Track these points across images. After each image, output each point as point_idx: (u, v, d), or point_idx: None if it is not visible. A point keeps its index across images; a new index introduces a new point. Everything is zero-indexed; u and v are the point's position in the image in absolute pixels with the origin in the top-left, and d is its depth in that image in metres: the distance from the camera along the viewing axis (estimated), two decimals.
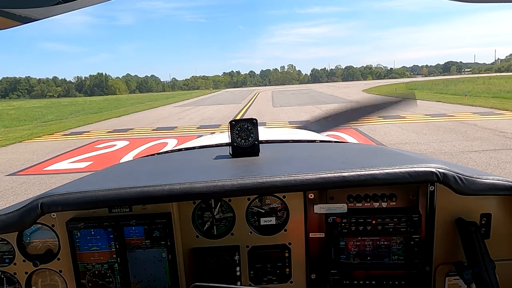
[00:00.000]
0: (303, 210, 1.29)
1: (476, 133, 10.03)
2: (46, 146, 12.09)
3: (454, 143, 8.89)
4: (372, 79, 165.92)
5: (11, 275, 1.30)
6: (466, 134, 9.97)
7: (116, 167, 1.77)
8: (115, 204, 1.19)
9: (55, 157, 9.84)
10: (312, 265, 1.32)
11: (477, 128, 10.93)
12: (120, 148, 10.87)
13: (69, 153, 10.39)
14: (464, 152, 7.90)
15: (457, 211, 1.26)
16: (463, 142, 8.93)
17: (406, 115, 14.77)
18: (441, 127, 11.52)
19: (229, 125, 1.59)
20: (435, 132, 10.64)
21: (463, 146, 8.54)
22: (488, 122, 11.86)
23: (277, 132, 2.87)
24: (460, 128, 11.02)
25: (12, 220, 1.18)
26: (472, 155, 7.63)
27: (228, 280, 1.31)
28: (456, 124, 11.85)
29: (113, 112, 27.74)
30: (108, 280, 1.26)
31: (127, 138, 12.75)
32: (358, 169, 1.18)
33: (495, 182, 1.19)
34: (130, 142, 11.89)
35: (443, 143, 9.04)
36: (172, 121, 18.43)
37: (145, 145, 11.15)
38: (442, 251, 1.28)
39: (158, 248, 1.25)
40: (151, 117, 21.73)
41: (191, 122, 17.45)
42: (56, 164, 8.96)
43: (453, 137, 9.67)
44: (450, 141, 9.24)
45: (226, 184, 1.16)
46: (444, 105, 19.02)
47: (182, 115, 22.43)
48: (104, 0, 0.73)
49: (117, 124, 18.42)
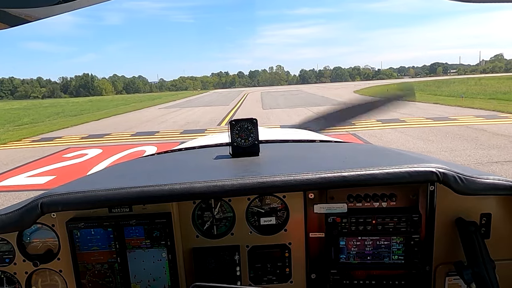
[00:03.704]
0: (303, 210, 1.29)
1: (490, 140, 9.02)
2: (7, 155, 10.70)
3: (468, 153, 7.86)
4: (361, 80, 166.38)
5: (11, 275, 1.30)
6: (478, 141, 8.95)
7: (116, 167, 1.77)
8: (115, 204, 1.19)
9: (12, 170, 8.50)
10: (312, 265, 1.31)
11: (488, 134, 9.94)
12: (91, 158, 9.59)
13: (31, 164, 9.06)
14: (483, 164, 6.87)
15: (457, 211, 1.26)
16: (478, 151, 7.91)
17: (406, 119, 13.80)
18: (448, 132, 10.51)
19: (229, 125, 1.58)
20: (442, 139, 9.62)
21: (479, 156, 7.52)
22: (498, 127, 10.89)
23: (277, 132, 2.80)
24: (469, 134, 10.02)
25: (12, 220, 1.18)
26: (494, 167, 6.59)
27: (228, 280, 1.31)
28: (462, 129, 10.86)
29: (94, 114, 26.31)
30: (108, 280, 1.25)
31: (101, 146, 11.44)
32: (358, 169, 1.18)
33: (495, 182, 1.19)
34: (103, 150, 10.60)
35: (455, 152, 8.01)
36: (154, 125, 17.12)
37: (119, 153, 9.91)
38: (442, 251, 1.28)
39: (158, 248, 1.25)
40: (133, 120, 20.34)
41: (174, 126, 16.17)
42: (10, 179, 7.63)
43: (465, 145, 8.65)
44: (462, 149, 8.21)
45: (226, 184, 1.16)
46: (442, 107, 18.11)
47: (166, 117, 21.11)
48: (104, 0, 0.73)
49: (95, 128, 17.04)
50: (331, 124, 3.38)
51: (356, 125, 12.84)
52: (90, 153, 10.20)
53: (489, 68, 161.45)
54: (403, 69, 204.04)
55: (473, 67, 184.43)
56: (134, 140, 12.40)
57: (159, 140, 12.12)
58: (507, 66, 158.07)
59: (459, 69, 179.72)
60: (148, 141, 12.11)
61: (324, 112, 3.46)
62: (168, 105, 34.68)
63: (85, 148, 11.14)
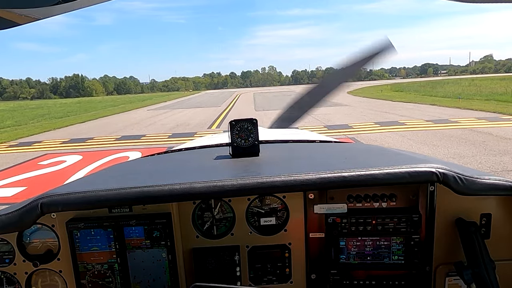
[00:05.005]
0: (303, 210, 1.29)
1: (499, 145, 8.43)
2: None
3: (478, 159, 7.24)
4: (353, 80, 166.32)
5: (11, 275, 1.30)
6: (487, 147, 8.35)
7: (116, 167, 1.76)
8: (115, 204, 1.19)
9: None
10: (312, 265, 1.31)
11: (495, 137, 9.35)
12: (68, 165, 8.79)
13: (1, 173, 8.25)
14: (497, 172, 6.24)
15: (457, 211, 1.26)
16: (489, 157, 7.30)
17: (406, 121, 13.22)
18: (452, 136, 9.90)
19: (229, 125, 1.58)
20: (448, 143, 9.00)
21: (491, 163, 6.91)
22: (504, 130, 10.30)
23: (277, 132, 2.82)
24: (475, 138, 9.43)
25: (12, 220, 1.18)
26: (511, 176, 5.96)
27: (228, 280, 1.31)
28: (467, 133, 10.27)
29: (81, 116, 25.35)
30: (108, 280, 1.26)
31: (81, 151, 10.63)
32: (358, 169, 1.18)
33: (495, 182, 1.19)
34: (83, 156, 9.79)
35: (464, 158, 7.39)
36: (142, 128, 16.29)
37: (100, 160, 9.13)
38: (442, 251, 1.28)
39: (158, 248, 1.25)
40: (120, 123, 19.46)
41: (162, 129, 15.36)
42: None
43: (473, 151, 8.04)
44: (471, 155, 7.60)
45: (226, 184, 1.16)
46: (440, 109, 17.58)
47: (155, 119, 20.27)
48: (104, 0, 0.72)
49: (79, 131, 16.17)
50: (295, 117, 3.24)
51: (354, 129, 12.22)
52: (69, 160, 9.38)
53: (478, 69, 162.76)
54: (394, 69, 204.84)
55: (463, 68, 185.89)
56: (117, 145, 11.59)
57: (145, 145, 11.34)
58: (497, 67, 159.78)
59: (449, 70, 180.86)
60: (132, 145, 11.31)
61: (284, 108, 3.37)
62: (158, 106, 33.74)
63: (63, 154, 10.30)
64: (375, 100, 26.24)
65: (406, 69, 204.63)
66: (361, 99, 28.22)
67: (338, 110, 19.27)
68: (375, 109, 19.12)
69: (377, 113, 17.26)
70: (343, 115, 16.91)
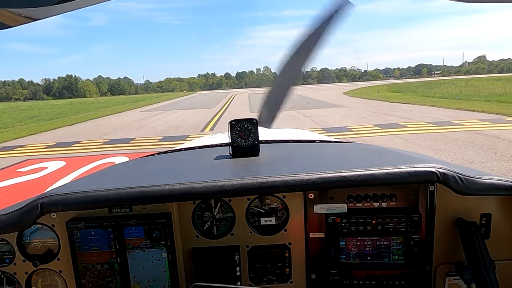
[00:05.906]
0: (303, 210, 1.28)
1: (509, 149, 7.93)
2: None
3: (490, 165, 6.73)
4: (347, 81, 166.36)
5: (11, 275, 1.30)
6: (496, 151, 7.85)
7: (116, 167, 1.76)
8: (115, 204, 1.19)
9: None
10: (312, 265, 1.31)
11: (504, 141, 8.86)
12: (49, 172, 8.16)
13: None
14: None
15: (457, 211, 1.26)
16: (501, 163, 6.80)
17: (407, 124, 12.73)
18: (457, 139, 9.41)
19: (229, 125, 1.58)
20: (454, 148, 8.50)
21: (505, 169, 6.40)
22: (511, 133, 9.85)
23: (277, 132, 2.77)
24: (482, 142, 8.94)
25: (12, 220, 1.18)
26: None
27: (228, 280, 1.30)
28: (472, 136, 9.78)
29: (71, 118, 24.61)
30: (108, 280, 1.25)
31: (65, 157, 9.98)
32: (358, 169, 1.17)
33: (495, 182, 1.18)
34: (66, 162, 9.15)
35: (474, 165, 6.88)
36: (132, 131, 15.65)
37: (84, 166, 8.51)
38: (442, 251, 1.28)
39: (158, 248, 1.24)
40: (110, 125, 18.80)
41: (153, 132, 14.75)
42: None
43: (482, 156, 7.54)
44: (482, 161, 7.09)
45: (226, 184, 1.15)
46: (440, 110, 17.14)
47: (146, 122, 19.61)
48: (104, 0, 0.72)
49: (66, 134, 15.48)
50: (272, 116, 2.85)
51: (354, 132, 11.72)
52: (50, 167, 8.74)
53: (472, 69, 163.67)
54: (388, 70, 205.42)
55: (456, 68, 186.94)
56: (105, 149, 10.96)
57: (134, 149, 10.73)
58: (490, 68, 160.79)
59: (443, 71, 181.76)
60: (120, 150, 10.69)
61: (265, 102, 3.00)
62: (150, 108, 33.08)
63: (45, 160, 9.64)
64: (372, 101, 25.80)
65: (400, 70, 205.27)
66: (358, 100, 27.78)
67: (336, 111, 18.79)
68: (374, 111, 18.64)
69: (376, 114, 16.78)
70: (341, 117, 16.42)
